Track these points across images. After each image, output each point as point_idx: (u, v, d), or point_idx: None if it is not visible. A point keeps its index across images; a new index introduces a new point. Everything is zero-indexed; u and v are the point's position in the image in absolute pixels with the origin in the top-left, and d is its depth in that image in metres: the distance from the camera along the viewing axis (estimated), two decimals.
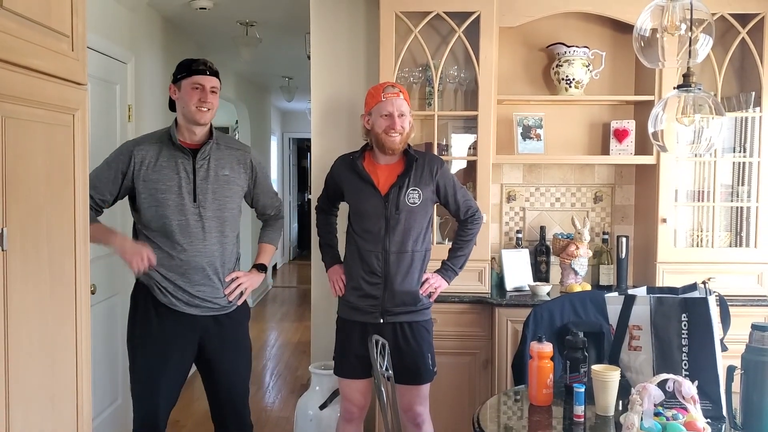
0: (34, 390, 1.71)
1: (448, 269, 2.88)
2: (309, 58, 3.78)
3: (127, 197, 2.72)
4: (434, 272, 2.86)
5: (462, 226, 2.89)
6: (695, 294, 2.28)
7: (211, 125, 2.71)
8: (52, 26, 1.77)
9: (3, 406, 1.55)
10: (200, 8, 4.28)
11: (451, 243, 2.99)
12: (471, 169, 3.47)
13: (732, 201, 3.49)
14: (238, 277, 2.73)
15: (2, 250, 1.53)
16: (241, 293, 2.75)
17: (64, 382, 1.88)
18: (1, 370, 1.54)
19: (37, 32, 1.69)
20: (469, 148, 3.54)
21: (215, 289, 2.67)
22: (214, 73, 2.67)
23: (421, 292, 2.79)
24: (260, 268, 2.86)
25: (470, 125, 3.54)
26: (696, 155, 3.24)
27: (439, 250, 3.08)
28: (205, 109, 2.62)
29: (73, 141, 1.90)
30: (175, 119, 2.70)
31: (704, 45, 2.07)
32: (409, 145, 2.80)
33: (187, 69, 2.64)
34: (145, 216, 2.64)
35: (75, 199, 1.91)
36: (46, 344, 1.77)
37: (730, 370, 2.03)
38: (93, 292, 3.05)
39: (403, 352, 2.76)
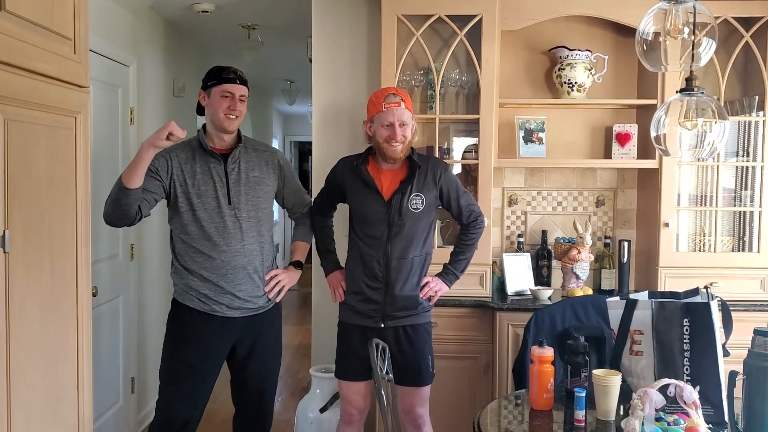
0: (35, 392, 1.71)
1: (449, 273, 2.87)
2: (311, 61, 3.78)
3: (166, 205, 2.76)
4: (435, 275, 2.86)
5: (464, 230, 2.88)
6: (697, 299, 2.27)
7: (238, 130, 2.78)
8: (54, 29, 1.77)
9: (4, 409, 1.55)
10: (202, 11, 4.28)
11: (451, 247, 2.99)
12: (472, 172, 3.47)
13: (735, 205, 3.48)
14: (277, 275, 2.81)
15: (4, 252, 1.53)
16: (279, 291, 2.83)
17: (65, 385, 1.88)
18: (2, 373, 1.54)
19: (39, 35, 1.70)
20: (471, 152, 3.53)
21: (257, 287, 2.74)
22: (244, 82, 2.74)
23: (420, 295, 2.79)
24: (297, 265, 2.94)
25: (472, 128, 3.54)
26: (698, 159, 3.24)
27: (440, 254, 3.07)
28: (234, 117, 2.70)
29: (75, 144, 1.91)
30: (203, 125, 2.76)
31: (707, 49, 2.06)
32: (412, 149, 2.80)
33: (217, 77, 2.70)
34: (183, 221, 2.68)
35: (77, 201, 1.91)
36: (47, 346, 1.77)
37: (732, 375, 2.03)
38: (95, 294, 3.05)
39: (405, 354, 2.76)
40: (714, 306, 2.15)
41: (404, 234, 2.73)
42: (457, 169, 3.60)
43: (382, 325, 2.75)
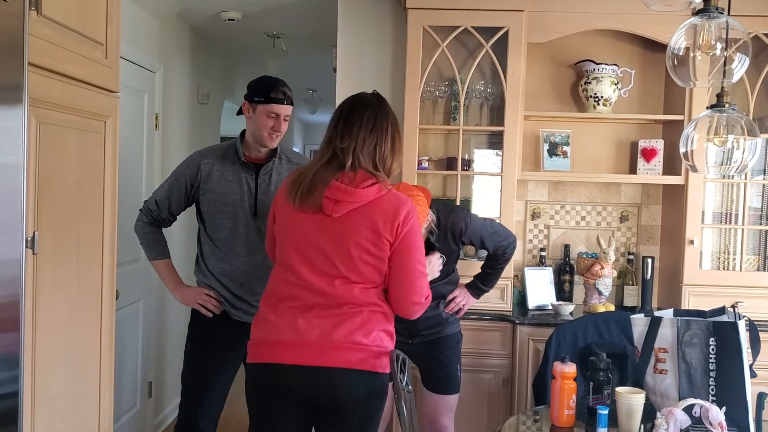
0: (58, 393, 1.72)
1: (476, 287, 2.86)
2: (335, 70, 3.79)
3: (195, 206, 2.78)
4: (464, 286, 2.85)
5: (493, 258, 2.85)
6: (724, 318, 2.24)
7: None
8: (87, 34, 1.79)
9: (29, 410, 1.56)
10: (229, 20, 4.31)
11: (469, 257, 2.97)
12: (495, 185, 3.44)
13: (761, 224, 3.43)
14: None
15: (33, 253, 1.54)
16: None
17: (87, 387, 1.88)
18: (28, 373, 1.55)
19: (72, 39, 1.71)
20: (493, 164, 3.51)
21: None
22: (291, 102, 2.69)
23: (446, 311, 2.79)
24: None
25: (494, 141, 3.52)
26: (724, 176, 3.20)
27: (459, 266, 3.06)
28: (276, 136, 2.66)
29: (104, 148, 1.92)
30: (242, 132, 2.74)
31: (740, 65, 2.04)
32: (434, 200, 2.66)
33: (265, 95, 2.63)
34: (208, 227, 2.70)
35: (104, 206, 1.93)
36: (71, 349, 1.77)
37: (761, 397, 1.99)
38: (117, 298, 3.06)
39: (434, 361, 2.77)
40: (741, 326, 2.12)
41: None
42: (482, 181, 3.56)
43: (410, 341, 2.75)
